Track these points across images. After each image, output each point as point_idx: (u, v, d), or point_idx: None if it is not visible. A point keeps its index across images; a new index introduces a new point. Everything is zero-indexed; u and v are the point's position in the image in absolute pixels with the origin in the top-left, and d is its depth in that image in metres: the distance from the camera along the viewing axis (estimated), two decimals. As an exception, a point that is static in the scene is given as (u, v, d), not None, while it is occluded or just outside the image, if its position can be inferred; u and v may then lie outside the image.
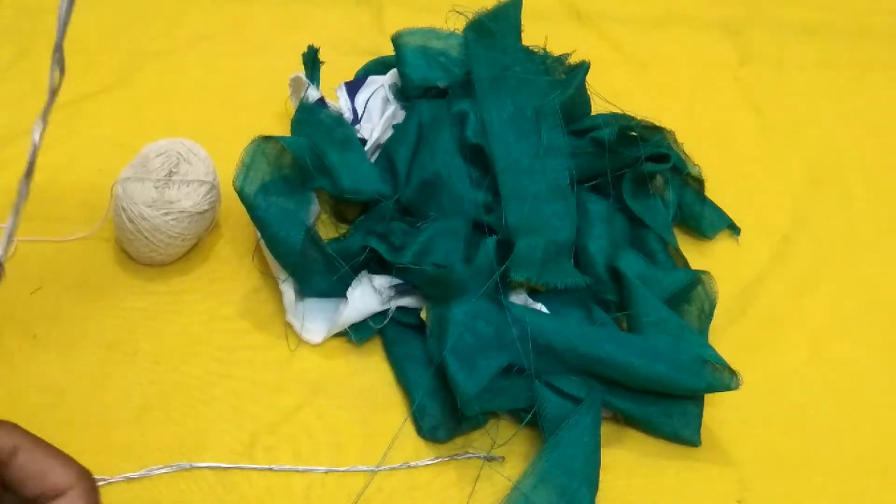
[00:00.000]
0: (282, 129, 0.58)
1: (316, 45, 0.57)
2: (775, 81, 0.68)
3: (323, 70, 0.57)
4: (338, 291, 0.49)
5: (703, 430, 0.47)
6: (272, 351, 0.49)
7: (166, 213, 0.48)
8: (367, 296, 0.48)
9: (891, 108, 0.68)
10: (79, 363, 0.46)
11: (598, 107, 0.57)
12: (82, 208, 0.53)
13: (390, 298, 0.49)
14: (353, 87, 0.57)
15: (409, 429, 0.46)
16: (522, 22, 0.56)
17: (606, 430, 0.46)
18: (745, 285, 0.55)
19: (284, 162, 0.49)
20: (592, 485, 0.44)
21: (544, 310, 0.48)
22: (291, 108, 0.57)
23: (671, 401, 0.47)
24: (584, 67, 0.55)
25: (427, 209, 0.51)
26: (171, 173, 0.49)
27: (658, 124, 0.55)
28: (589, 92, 0.56)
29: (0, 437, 0.26)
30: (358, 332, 0.49)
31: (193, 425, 0.45)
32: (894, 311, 0.56)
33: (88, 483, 0.27)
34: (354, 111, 0.56)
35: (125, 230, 0.49)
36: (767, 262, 0.57)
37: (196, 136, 0.51)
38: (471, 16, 0.56)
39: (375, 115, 0.55)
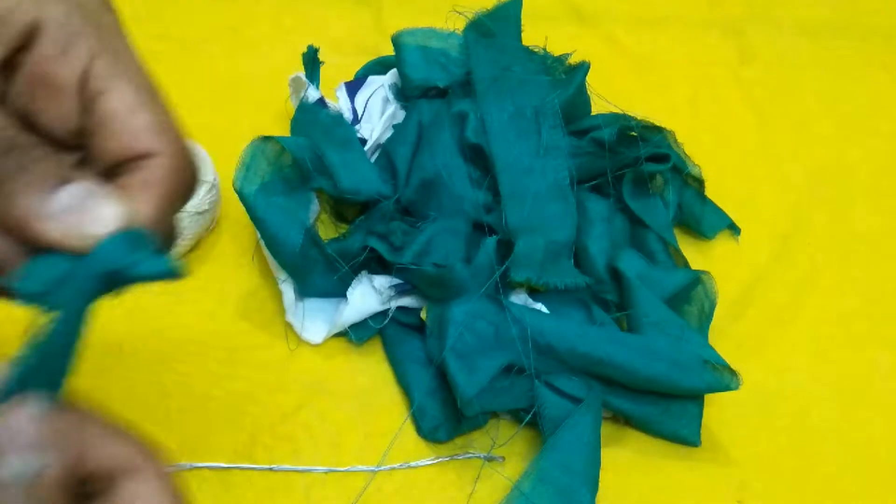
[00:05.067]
0: (282, 129, 0.58)
1: (316, 45, 0.57)
2: (775, 81, 0.68)
3: (323, 70, 0.57)
4: (338, 291, 0.49)
5: (703, 430, 0.47)
6: (272, 351, 0.49)
7: (166, 213, 0.48)
8: (367, 296, 0.48)
9: (891, 108, 0.68)
10: (78, 363, 0.46)
11: (598, 107, 0.57)
12: (82, 208, 0.53)
13: (390, 298, 0.49)
14: (353, 87, 0.57)
15: (409, 429, 0.46)
16: (522, 22, 0.56)
17: (606, 430, 0.46)
18: (745, 285, 0.55)
19: (284, 162, 0.49)
20: (592, 485, 0.44)
21: (544, 310, 0.48)
22: (291, 108, 0.57)
23: (671, 401, 0.47)
24: (584, 67, 0.55)
25: (427, 209, 0.51)
26: (171, 173, 0.49)
27: (658, 124, 0.55)
28: (589, 92, 0.56)
29: None
30: (358, 332, 0.49)
31: (193, 425, 0.45)
32: (894, 312, 0.56)
33: (181, 155, 0.22)
34: (354, 111, 0.56)
35: (125, 230, 0.49)
36: (767, 262, 0.57)
37: (196, 136, 0.51)
38: (471, 16, 0.56)
39: (375, 115, 0.55)
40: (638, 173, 0.54)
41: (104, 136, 0.22)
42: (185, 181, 0.23)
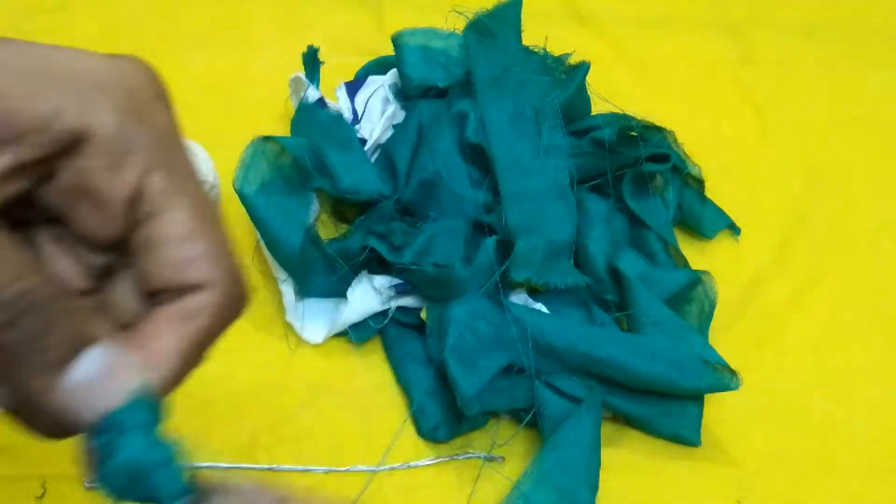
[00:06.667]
0: (282, 129, 0.58)
1: (316, 45, 0.56)
2: (775, 81, 0.68)
3: (323, 70, 0.57)
4: (338, 291, 0.49)
5: (703, 430, 0.47)
6: (272, 351, 0.48)
7: (166, 213, 0.48)
8: (367, 296, 0.48)
9: (891, 108, 0.68)
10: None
11: (598, 107, 0.57)
12: (82, 208, 0.53)
13: (390, 298, 0.49)
14: (353, 87, 0.57)
15: (409, 429, 0.46)
16: (522, 22, 0.56)
17: (606, 430, 0.46)
18: (745, 285, 0.55)
19: (284, 162, 0.49)
20: (592, 485, 0.44)
21: (544, 310, 0.48)
22: (291, 108, 0.57)
23: (671, 401, 0.47)
24: (584, 67, 0.55)
25: (427, 209, 0.51)
26: (171, 173, 0.49)
27: (658, 124, 0.55)
28: (589, 92, 0.56)
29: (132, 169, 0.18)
30: (358, 332, 0.49)
31: (193, 425, 0.45)
32: (894, 312, 0.56)
33: (235, 288, 0.20)
34: (354, 111, 0.56)
35: (125, 230, 0.48)
36: (767, 262, 0.57)
37: (196, 136, 0.51)
38: (471, 16, 0.56)
39: (375, 115, 0.55)
40: (638, 173, 0.54)
41: (152, 262, 0.20)
42: (235, 310, 0.21)
